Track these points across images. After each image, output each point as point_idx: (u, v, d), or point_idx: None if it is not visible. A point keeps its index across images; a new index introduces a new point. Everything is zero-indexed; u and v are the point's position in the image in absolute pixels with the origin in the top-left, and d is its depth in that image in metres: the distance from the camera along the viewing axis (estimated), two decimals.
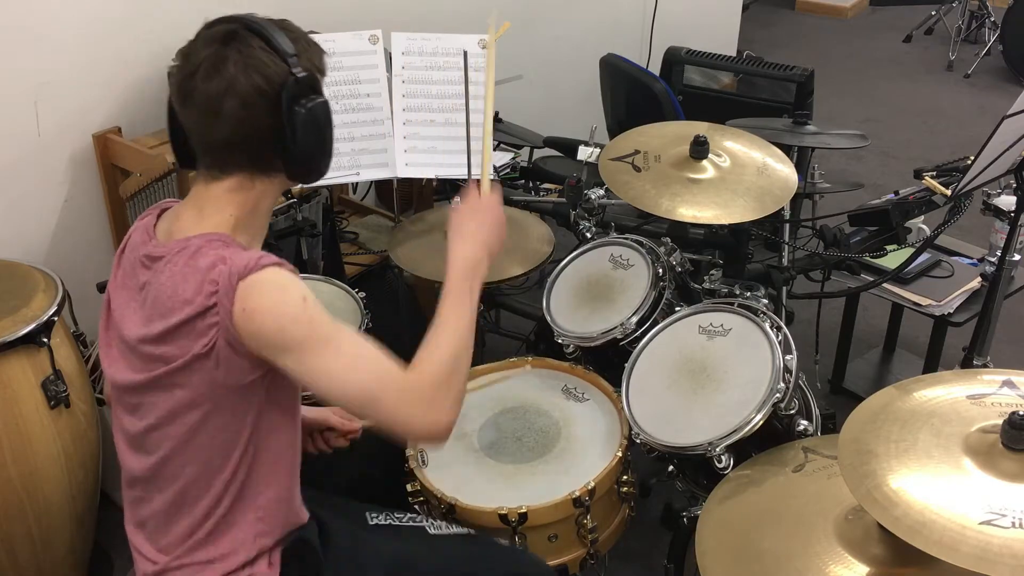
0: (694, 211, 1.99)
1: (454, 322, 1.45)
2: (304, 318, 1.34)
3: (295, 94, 1.36)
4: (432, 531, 1.65)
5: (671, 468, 1.95)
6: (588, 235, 2.36)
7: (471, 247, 1.51)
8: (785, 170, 2.10)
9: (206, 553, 1.45)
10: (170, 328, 1.35)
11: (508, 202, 2.69)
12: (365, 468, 1.69)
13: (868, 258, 2.52)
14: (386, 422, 1.38)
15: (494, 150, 2.73)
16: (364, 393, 1.36)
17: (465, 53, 2.23)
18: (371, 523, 1.64)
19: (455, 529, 1.69)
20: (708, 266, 2.31)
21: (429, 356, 1.41)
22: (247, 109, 1.35)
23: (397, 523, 1.65)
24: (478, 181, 1.59)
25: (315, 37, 1.46)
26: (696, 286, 2.25)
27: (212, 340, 1.33)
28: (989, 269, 2.49)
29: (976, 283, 2.66)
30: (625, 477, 1.88)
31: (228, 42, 1.36)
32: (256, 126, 1.37)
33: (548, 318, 2.20)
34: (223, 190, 1.42)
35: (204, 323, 1.33)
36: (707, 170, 2.08)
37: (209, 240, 1.39)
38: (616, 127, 3.31)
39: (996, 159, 2.06)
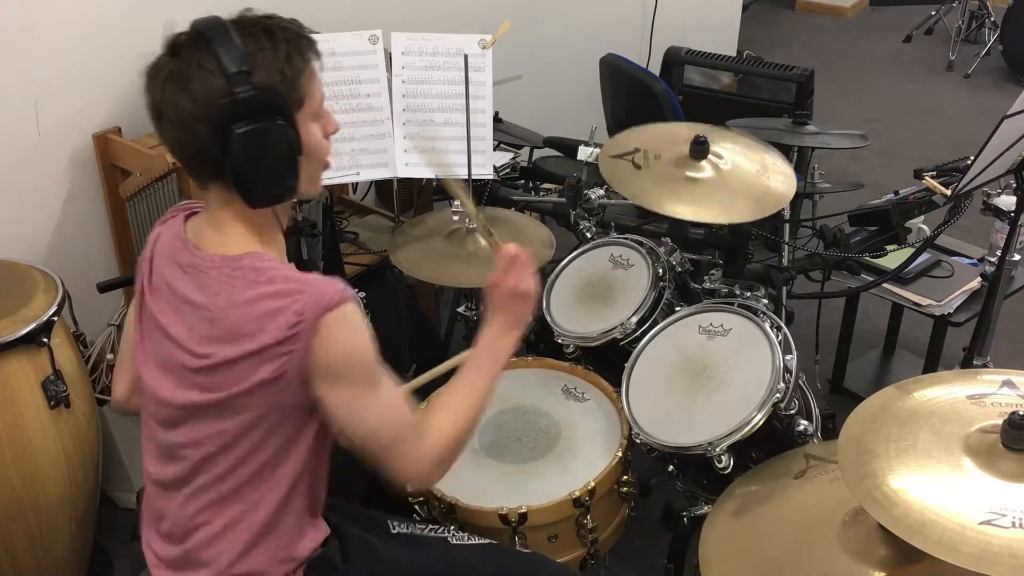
0: (694, 211, 1.99)
1: (478, 396, 1.49)
2: (368, 358, 1.37)
3: (229, 117, 1.27)
4: (454, 541, 1.64)
5: (671, 468, 1.95)
6: (588, 235, 2.36)
7: (515, 332, 1.55)
8: (785, 170, 2.10)
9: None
10: (240, 355, 1.32)
11: (508, 202, 2.69)
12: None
13: (868, 258, 2.52)
14: (388, 468, 1.42)
15: (494, 150, 2.74)
16: (384, 441, 1.40)
17: (466, 56, 2.23)
18: (393, 531, 1.63)
19: (477, 540, 1.67)
20: (708, 266, 2.31)
21: (448, 424, 1.45)
22: (183, 129, 1.30)
23: (419, 532, 1.64)
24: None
25: (315, 37, 1.37)
26: (696, 286, 2.25)
27: (283, 368, 1.31)
28: (989, 269, 2.48)
29: (976, 283, 2.65)
30: (625, 477, 1.88)
31: (175, 53, 1.31)
32: (198, 147, 1.31)
33: (548, 318, 2.20)
34: (215, 203, 1.39)
35: (278, 351, 1.31)
36: (707, 170, 2.08)
37: (261, 260, 1.35)
38: (616, 127, 3.31)
39: (996, 159, 2.06)
